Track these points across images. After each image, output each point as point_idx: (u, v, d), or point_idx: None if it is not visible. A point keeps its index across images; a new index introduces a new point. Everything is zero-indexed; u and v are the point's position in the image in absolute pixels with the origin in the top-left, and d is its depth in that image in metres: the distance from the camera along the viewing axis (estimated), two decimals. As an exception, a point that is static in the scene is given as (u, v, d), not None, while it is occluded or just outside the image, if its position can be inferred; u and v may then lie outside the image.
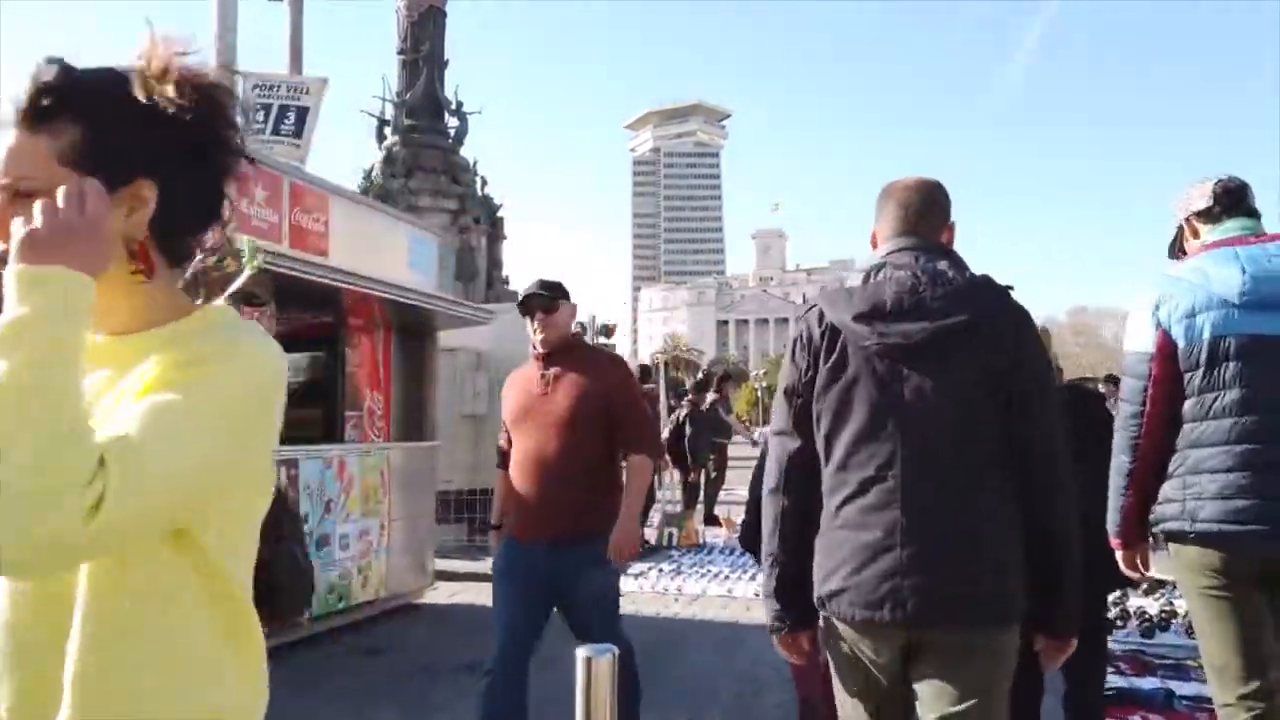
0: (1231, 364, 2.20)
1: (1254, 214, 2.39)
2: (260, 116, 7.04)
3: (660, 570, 7.58)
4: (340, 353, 6.09)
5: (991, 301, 1.79)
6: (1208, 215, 2.41)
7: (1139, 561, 2.45)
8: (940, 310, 1.74)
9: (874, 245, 1.97)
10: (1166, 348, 2.30)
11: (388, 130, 35.25)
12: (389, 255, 6.34)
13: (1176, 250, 2.56)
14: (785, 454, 1.89)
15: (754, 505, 2.76)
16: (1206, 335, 2.23)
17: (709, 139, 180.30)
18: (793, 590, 1.87)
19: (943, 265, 1.82)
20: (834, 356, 1.81)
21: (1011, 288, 1.84)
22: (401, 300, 5.96)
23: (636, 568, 7.19)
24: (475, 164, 35.54)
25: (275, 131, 7.16)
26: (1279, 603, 2.21)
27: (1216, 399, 2.22)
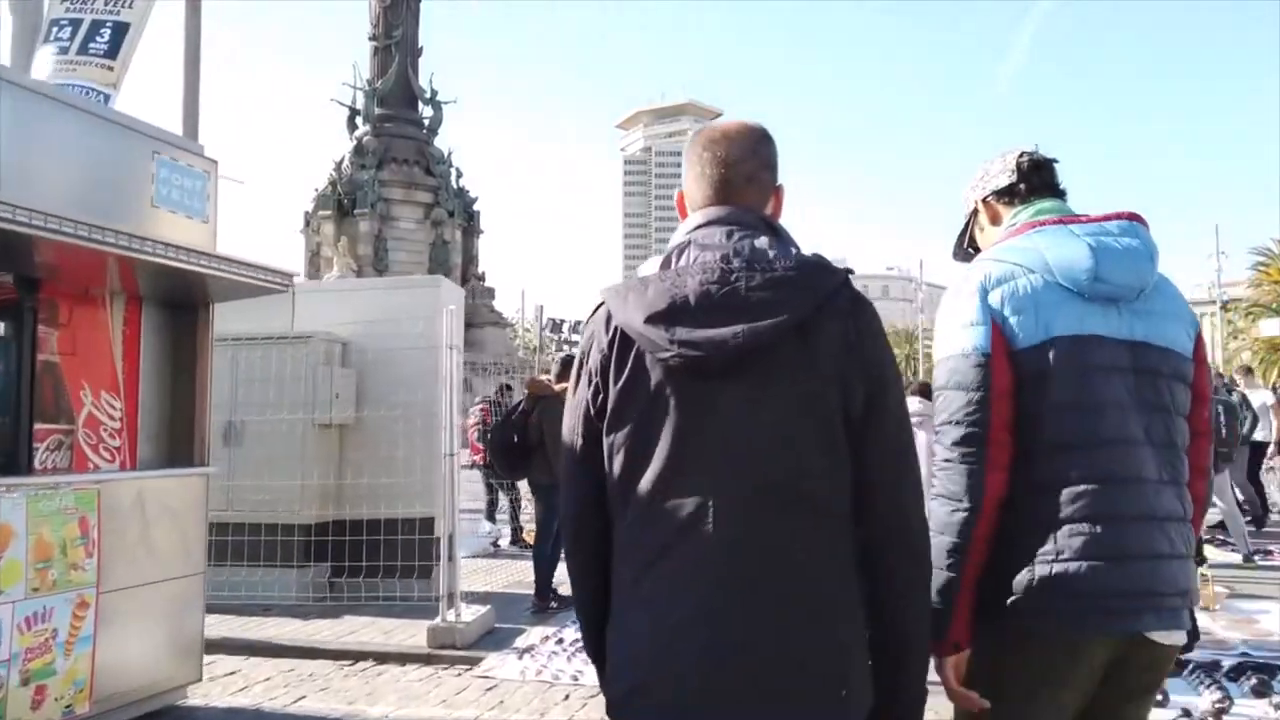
0: (1065, 373, 1.62)
1: (1063, 194, 1.88)
2: (65, 32, 5.48)
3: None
4: (23, 334, 3.93)
5: (826, 291, 1.34)
6: (1012, 194, 1.89)
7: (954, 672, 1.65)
8: (760, 305, 1.31)
9: (681, 214, 1.54)
10: (1001, 348, 1.64)
11: (359, 121, 33.73)
12: (120, 184, 4.18)
13: (965, 244, 2.02)
14: (573, 506, 1.49)
15: None
16: (1044, 335, 1.64)
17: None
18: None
19: (762, 243, 1.39)
20: (625, 374, 1.38)
21: (851, 271, 1.39)
22: (131, 254, 3.75)
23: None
24: (450, 155, 34.38)
25: (83, 51, 5.56)
26: (1120, 704, 1.67)
27: (1057, 420, 1.61)
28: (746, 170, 1.48)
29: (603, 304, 1.45)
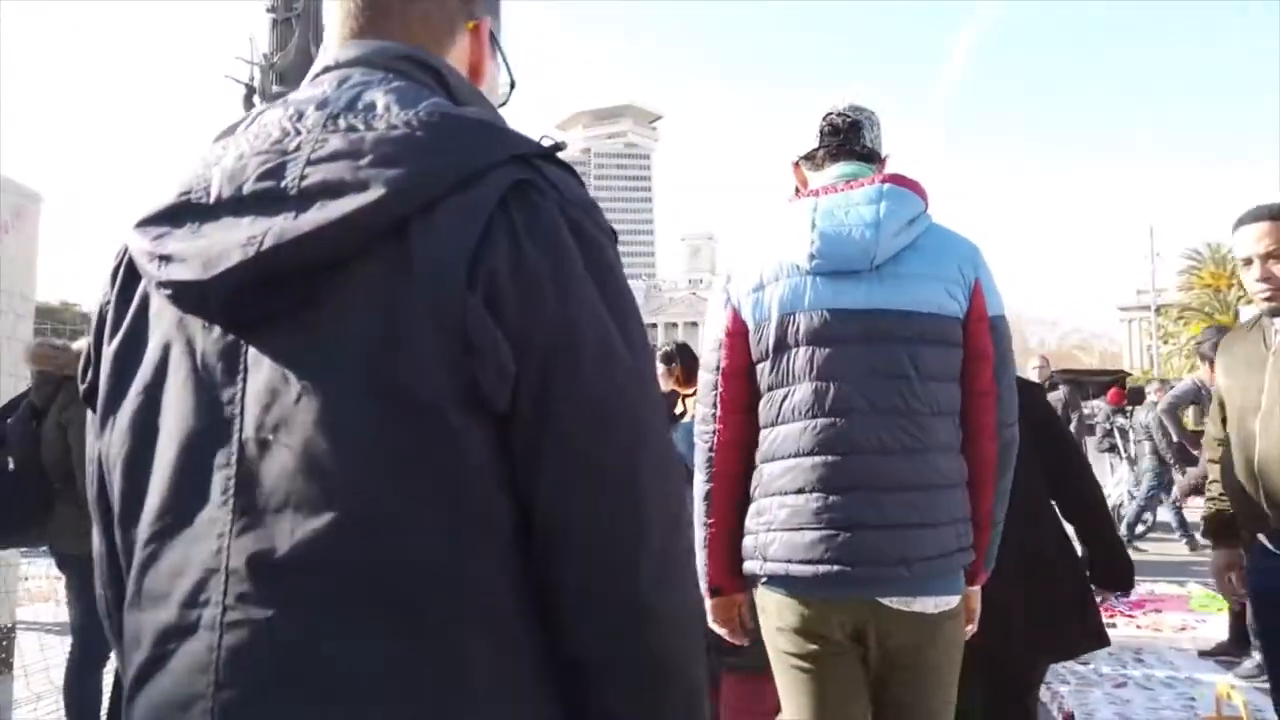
0: (802, 350, 1.68)
1: (868, 156, 1.83)
2: None
3: None
4: None
5: (466, 165, 0.73)
6: (812, 161, 1.86)
7: (738, 617, 1.87)
8: (317, 190, 0.72)
9: None
10: (738, 329, 1.76)
11: (257, 99, 31.62)
12: None
13: None
14: (99, 569, 0.91)
15: None
16: (775, 313, 1.71)
17: (640, 140, 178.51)
18: None
19: (384, 93, 0.79)
20: (124, 326, 0.82)
21: (559, 144, 0.81)
22: None
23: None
24: (357, 138, 32.29)
25: None
26: (888, 674, 1.69)
27: (786, 396, 1.70)
28: None
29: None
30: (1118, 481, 9.79)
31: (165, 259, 0.74)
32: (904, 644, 1.65)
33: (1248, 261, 2.22)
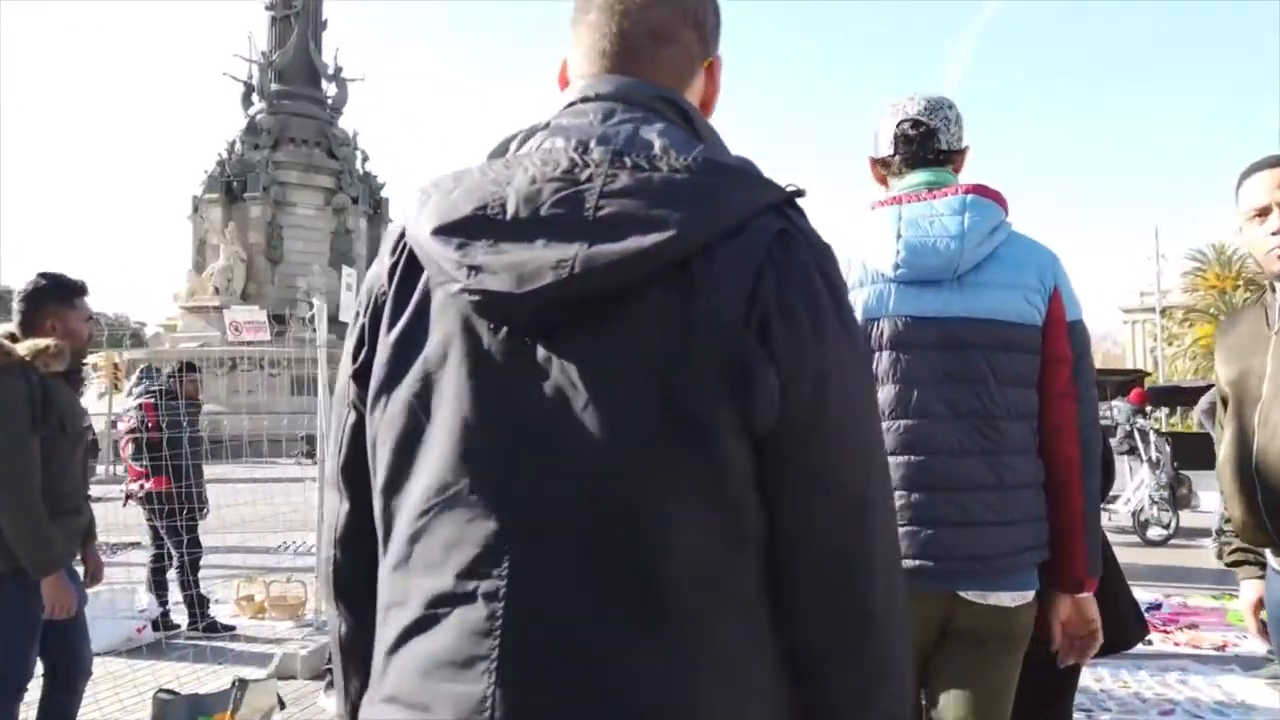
0: (885, 354, 1.75)
1: (943, 161, 1.84)
2: None
3: None
4: None
5: (736, 212, 0.84)
6: (887, 166, 1.88)
7: None
8: (614, 221, 0.82)
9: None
10: None
11: (255, 97, 31.33)
12: None
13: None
14: (334, 524, 1.00)
15: None
16: (860, 318, 1.71)
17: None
18: None
19: (653, 131, 0.89)
20: (405, 319, 0.90)
21: (799, 192, 0.90)
22: None
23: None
24: (356, 137, 32.12)
25: None
26: (960, 658, 1.73)
27: (885, 396, 1.74)
28: (655, 22, 0.97)
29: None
30: (1138, 485, 9.50)
31: (475, 269, 0.82)
32: (985, 632, 1.71)
33: (1262, 212, 1.91)
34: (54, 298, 3.06)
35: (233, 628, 5.41)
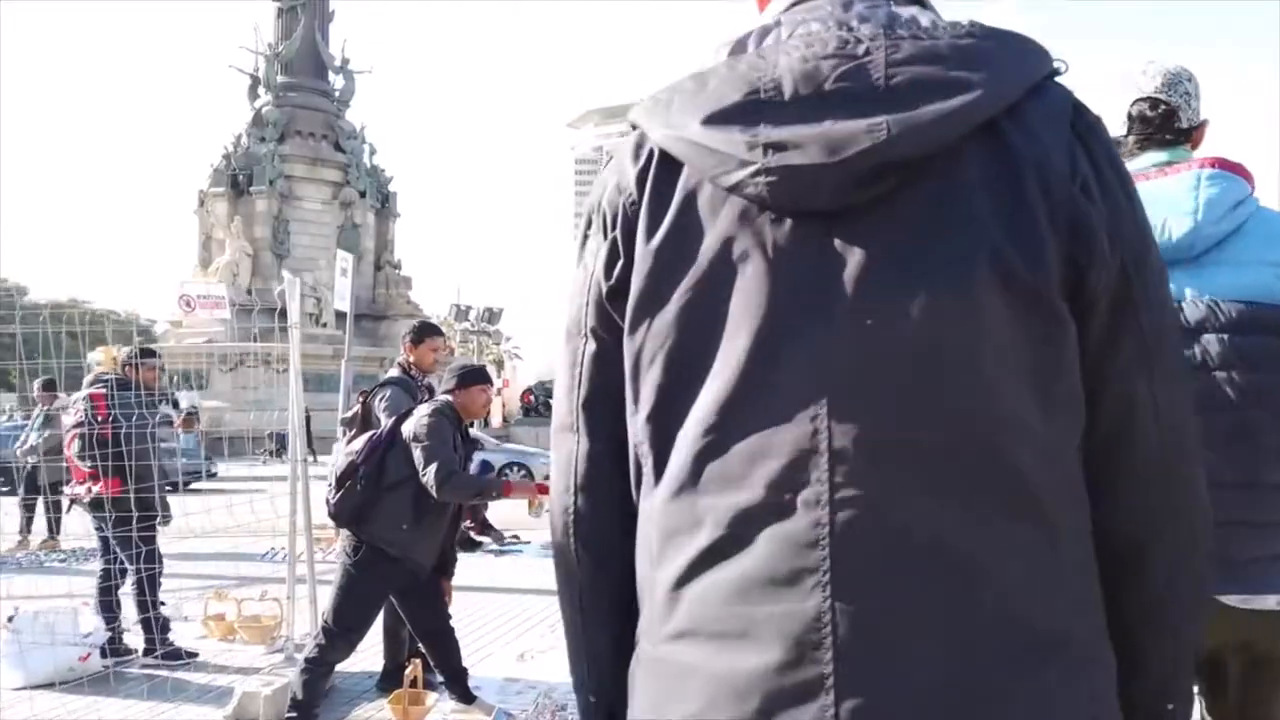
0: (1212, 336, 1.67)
1: (1181, 140, 1.76)
2: None
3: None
4: None
5: (1025, 66, 0.83)
6: (1121, 146, 1.76)
7: None
8: (914, 88, 0.78)
9: (760, 6, 1.00)
10: None
11: (261, 90, 30.80)
12: None
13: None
14: (571, 468, 0.95)
15: None
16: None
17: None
18: None
19: (908, 10, 0.86)
20: (667, 224, 0.85)
21: (1062, 66, 0.86)
22: None
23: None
24: (363, 130, 31.52)
25: None
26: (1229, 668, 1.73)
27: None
28: None
29: (636, 128, 0.90)
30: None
31: (774, 147, 0.78)
32: (1245, 640, 1.65)
33: None
34: None
35: (196, 654, 4.67)
